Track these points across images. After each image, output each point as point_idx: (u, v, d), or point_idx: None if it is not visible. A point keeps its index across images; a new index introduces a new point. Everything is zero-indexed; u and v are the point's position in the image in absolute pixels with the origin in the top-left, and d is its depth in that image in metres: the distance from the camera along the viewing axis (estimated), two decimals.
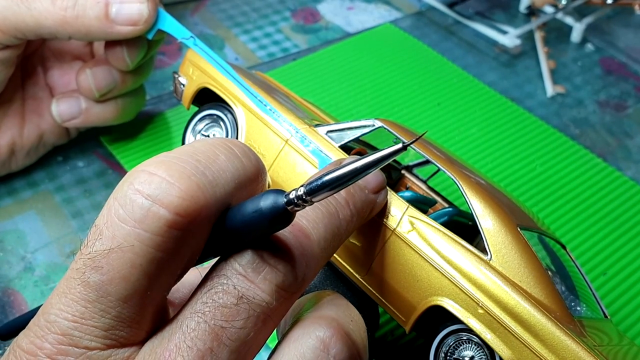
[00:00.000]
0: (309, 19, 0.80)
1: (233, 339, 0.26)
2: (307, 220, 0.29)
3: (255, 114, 0.42)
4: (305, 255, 0.28)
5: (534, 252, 0.36)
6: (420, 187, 0.50)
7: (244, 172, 0.27)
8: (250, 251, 0.27)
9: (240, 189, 0.27)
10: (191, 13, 0.79)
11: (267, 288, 0.26)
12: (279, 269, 0.27)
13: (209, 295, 0.26)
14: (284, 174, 0.40)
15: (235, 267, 0.27)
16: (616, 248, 0.55)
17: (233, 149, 0.28)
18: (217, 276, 0.27)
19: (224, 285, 0.26)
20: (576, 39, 0.79)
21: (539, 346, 0.33)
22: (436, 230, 0.36)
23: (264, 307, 0.26)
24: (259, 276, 0.26)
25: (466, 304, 0.34)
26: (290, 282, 0.27)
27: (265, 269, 0.26)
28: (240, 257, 0.27)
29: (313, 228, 0.29)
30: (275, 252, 0.27)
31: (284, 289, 0.27)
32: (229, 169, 0.27)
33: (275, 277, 0.27)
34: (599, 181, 0.61)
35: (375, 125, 0.41)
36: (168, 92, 0.67)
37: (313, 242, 0.29)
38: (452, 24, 0.81)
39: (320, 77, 0.69)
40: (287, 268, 0.27)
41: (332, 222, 0.30)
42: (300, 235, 0.28)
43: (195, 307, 0.26)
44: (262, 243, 0.27)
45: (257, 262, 0.26)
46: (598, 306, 0.43)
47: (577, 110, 0.70)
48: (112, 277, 0.25)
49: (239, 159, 0.27)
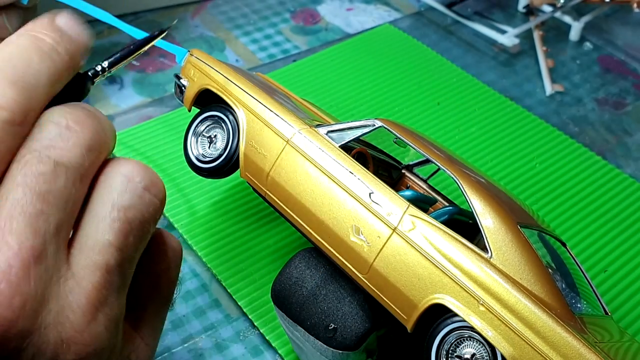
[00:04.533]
0: (309, 20, 0.80)
1: (58, 197, 0.29)
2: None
3: (257, 115, 0.43)
4: (100, 119, 0.32)
5: (534, 249, 0.37)
6: (421, 186, 0.51)
7: (56, 69, 0.31)
8: (52, 124, 0.30)
9: (56, 82, 0.31)
10: (192, 16, 0.80)
11: (78, 151, 0.30)
12: (84, 134, 0.31)
13: (27, 168, 0.29)
14: (285, 174, 0.41)
15: (43, 142, 0.30)
16: (616, 245, 0.55)
17: (43, 48, 0.31)
18: (29, 152, 0.30)
19: (39, 157, 0.29)
20: (574, 38, 0.79)
21: (540, 343, 0.33)
22: (437, 228, 0.37)
23: (78, 167, 0.30)
24: (69, 142, 0.30)
25: (467, 302, 0.35)
26: (96, 144, 0.31)
27: (72, 136, 0.31)
28: (45, 132, 0.30)
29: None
30: (77, 119, 0.31)
31: (92, 150, 0.31)
32: (43, 69, 0.31)
33: (81, 140, 0.31)
34: (598, 179, 0.61)
35: (376, 125, 0.41)
36: (169, 94, 0.68)
37: (98, 111, 0.33)
38: (451, 24, 0.81)
39: (320, 78, 0.70)
40: (91, 131, 0.31)
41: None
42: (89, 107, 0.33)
43: (16, 180, 0.29)
44: (65, 113, 0.31)
45: (62, 133, 0.30)
46: (599, 303, 0.43)
47: (576, 109, 0.70)
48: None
49: (49, 56, 0.31)
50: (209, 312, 0.49)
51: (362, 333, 0.39)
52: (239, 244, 0.53)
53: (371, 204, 0.38)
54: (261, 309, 0.49)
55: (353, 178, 0.39)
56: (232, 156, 0.43)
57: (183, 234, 0.53)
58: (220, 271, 0.51)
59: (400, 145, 0.46)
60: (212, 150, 0.45)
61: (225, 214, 0.55)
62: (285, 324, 0.43)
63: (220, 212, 0.55)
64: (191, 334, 0.48)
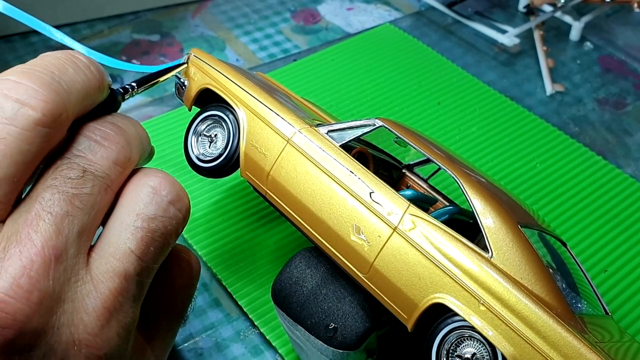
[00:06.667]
0: (309, 19, 0.80)
1: (84, 203, 0.31)
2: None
3: (257, 114, 0.43)
4: (127, 136, 0.34)
5: (534, 249, 0.37)
6: (421, 185, 0.51)
7: (89, 83, 0.33)
8: (83, 137, 0.32)
9: (87, 96, 0.33)
10: (192, 15, 0.80)
11: (105, 163, 0.32)
12: (111, 148, 0.33)
13: (57, 173, 0.31)
14: (286, 173, 0.41)
15: (73, 152, 0.32)
16: (617, 245, 0.55)
17: (78, 63, 0.33)
18: (60, 159, 0.31)
19: (69, 163, 0.31)
20: (575, 38, 0.79)
21: (540, 342, 0.33)
22: (437, 228, 0.37)
23: (105, 177, 0.32)
24: (97, 154, 0.32)
25: (468, 301, 0.35)
26: (122, 158, 0.33)
27: (100, 149, 0.32)
28: (76, 143, 0.32)
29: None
30: (106, 135, 0.33)
31: (118, 164, 0.33)
32: (77, 79, 0.32)
33: (109, 154, 0.33)
34: (598, 179, 0.61)
35: (376, 125, 0.41)
36: (170, 93, 0.68)
37: (129, 125, 0.35)
38: (452, 23, 0.81)
39: (320, 78, 0.70)
40: (118, 146, 0.33)
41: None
42: (119, 121, 0.35)
43: (47, 182, 0.31)
44: (95, 129, 0.33)
45: (92, 146, 0.32)
46: (599, 303, 0.43)
47: (576, 109, 0.70)
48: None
49: (83, 71, 0.33)
50: (209, 311, 0.49)
51: (362, 332, 0.39)
52: (239, 243, 0.53)
53: (372, 204, 0.38)
54: (261, 308, 0.49)
55: (353, 177, 0.39)
56: (232, 155, 0.43)
57: (183, 233, 0.53)
58: (221, 270, 0.51)
59: (401, 145, 0.46)
60: (213, 150, 0.45)
61: (225, 214, 0.55)
62: (286, 323, 0.43)
63: (221, 212, 0.55)
64: (191, 334, 0.48)
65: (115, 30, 0.76)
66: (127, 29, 0.76)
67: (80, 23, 0.76)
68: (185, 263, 0.38)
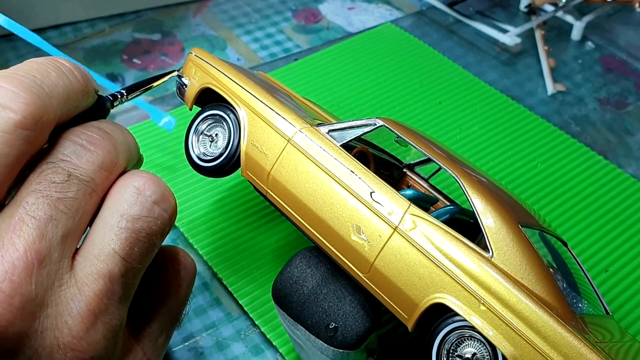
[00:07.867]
0: (310, 19, 0.80)
1: (69, 207, 0.30)
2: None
3: (258, 113, 0.43)
4: (114, 141, 0.34)
5: (535, 249, 0.37)
6: (422, 185, 0.51)
7: (72, 87, 0.33)
8: (68, 142, 0.32)
9: (70, 100, 0.33)
10: (193, 14, 0.80)
11: (90, 167, 0.32)
12: (97, 153, 0.33)
13: (42, 177, 0.30)
14: (286, 172, 0.41)
15: (58, 156, 0.31)
16: (617, 245, 0.55)
17: (61, 68, 0.33)
18: (45, 163, 0.31)
19: (54, 168, 0.31)
20: (576, 37, 0.79)
21: (540, 342, 0.33)
22: (438, 228, 0.37)
23: (90, 181, 0.32)
24: (83, 159, 0.32)
25: (468, 301, 0.35)
26: (108, 163, 0.33)
27: (85, 154, 0.32)
28: (61, 147, 0.32)
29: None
30: (91, 140, 0.33)
31: (103, 168, 0.33)
32: (59, 83, 0.32)
33: (94, 158, 0.32)
34: (599, 178, 0.61)
35: (377, 124, 0.41)
36: (171, 92, 0.68)
37: (116, 131, 0.35)
38: (453, 23, 0.81)
39: (321, 77, 0.70)
40: (103, 151, 0.33)
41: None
42: (106, 126, 0.35)
43: (31, 187, 0.30)
44: (81, 133, 0.33)
45: (77, 150, 0.32)
46: (600, 303, 0.43)
47: (577, 108, 0.70)
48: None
49: (66, 75, 0.33)
50: (209, 310, 0.49)
51: (362, 332, 0.39)
52: (239, 243, 0.53)
53: (372, 203, 0.38)
54: (262, 307, 0.49)
55: (354, 177, 0.39)
56: (233, 155, 0.43)
57: (184, 232, 0.53)
58: (221, 270, 0.51)
59: (402, 145, 0.46)
60: (213, 149, 0.45)
61: (226, 213, 0.55)
62: (286, 322, 0.43)
63: (221, 211, 0.55)
64: (192, 333, 0.48)
65: (117, 29, 0.76)
66: (129, 28, 0.77)
67: (81, 22, 0.76)
68: (180, 265, 0.37)
